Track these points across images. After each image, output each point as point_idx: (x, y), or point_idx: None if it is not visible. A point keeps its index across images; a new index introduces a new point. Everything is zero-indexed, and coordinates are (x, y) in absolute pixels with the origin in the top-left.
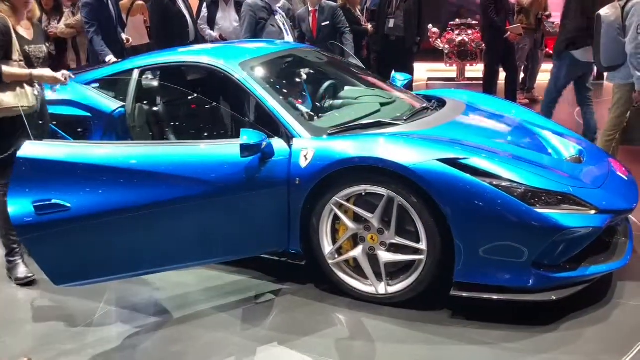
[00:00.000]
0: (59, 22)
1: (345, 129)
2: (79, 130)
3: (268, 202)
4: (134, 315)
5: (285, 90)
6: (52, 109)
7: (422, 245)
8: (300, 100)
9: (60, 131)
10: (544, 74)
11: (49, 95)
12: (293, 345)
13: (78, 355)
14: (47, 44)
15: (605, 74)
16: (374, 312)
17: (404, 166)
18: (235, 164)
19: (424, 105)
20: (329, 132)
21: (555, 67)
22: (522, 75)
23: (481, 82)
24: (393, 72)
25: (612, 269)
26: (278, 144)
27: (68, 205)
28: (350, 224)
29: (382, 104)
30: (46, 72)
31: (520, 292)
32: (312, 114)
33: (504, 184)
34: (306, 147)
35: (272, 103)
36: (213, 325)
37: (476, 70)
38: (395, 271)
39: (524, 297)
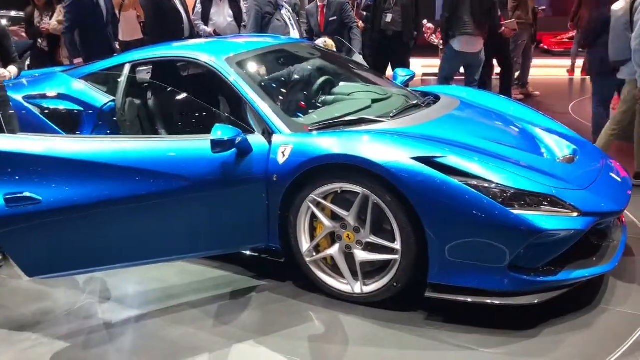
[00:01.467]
0: (51, 18)
1: (326, 126)
2: (71, 123)
3: (247, 198)
4: (112, 308)
5: (270, 86)
6: (45, 103)
7: (397, 245)
8: (291, 98)
9: (52, 124)
10: (539, 70)
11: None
12: (262, 343)
13: (50, 346)
14: (40, 40)
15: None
16: (350, 311)
17: (378, 164)
18: (213, 159)
19: (415, 102)
20: (309, 128)
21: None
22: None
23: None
24: (392, 67)
25: (597, 273)
26: (257, 139)
27: (39, 198)
28: (326, 221)
29: (375, 100)
30: None
31: (503, 295)
32: (297, 109)
33: (480, 183)
34: (284, 143)
35: (254, 98)
36: (186, 321)
37: None
38: (373, 270)
39: (504, 301)
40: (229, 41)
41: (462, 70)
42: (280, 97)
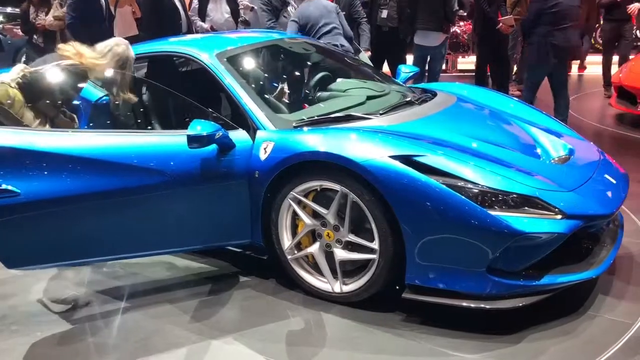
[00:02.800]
0: (46, 14)
1: (312, 122)
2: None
3: (230, 195)
4: (93, 301)
5: (258, 81)
6: None
7: (375, 245)
8: (280, 91)
9: None
10: None
11: None
12: (237, 340)
13: (28, 337)
14: (36, 36)
15: None
16: (328, 310)
17: (354, 161)
18: (195, 154)
19: (408, 99)
20: (294, 124)
21: None
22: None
23: (473, 73)
24: (387, 63)
25: (584, 278)
26: (240, 135)
27: (18, 191)
28: (307, 219)
29: (370, 97)
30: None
31: (486, 299)
32: (284, 105)
33: (458, 183)
34: (267, 139)
35: (241, 94)
36: (163, 316)
37: (468, 62)
38: (353, 270)
39: (486, 304)
40: (222, 36)
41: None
42: (271, 93)
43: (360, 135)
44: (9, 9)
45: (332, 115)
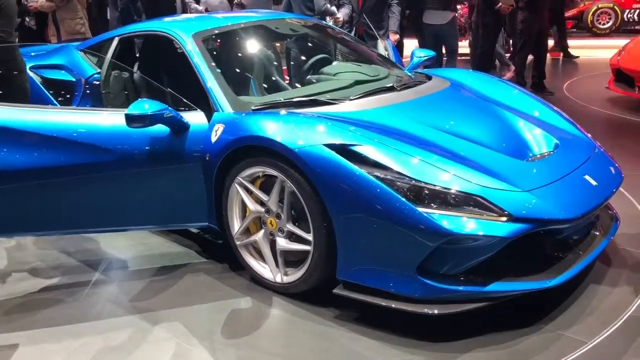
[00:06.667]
0: None
1: (272, 106)
2: (63, 93)
3: (185, 176)
4: (45, 274)
5: (231, 63)
6: (46, 73)
7: (309, 236)
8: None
9: (47, 93)
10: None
11: None
12: (158, 321)
13: None
14: (28, 19)
15: None
16: (266, 299)
17: (287, 147)
18: (146, 134)
19: (390, 84)
20: (252, 108)
21: None
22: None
23: (469, 57)
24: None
25: (536, 288)
26: (196, 117)
27: None
28: (251, 205)
29: (358, 82)
30: None
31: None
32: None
33: (390, 176)
34: (220, 122)
35: (206, 74)
36: (105, 295)
37: (464, 45)
38: (297, 260)
39: (405, 306)
40: (206, 17)
41: None
42: (245, 76)
43: (301, 121)
44: None
45: (295, 100)
